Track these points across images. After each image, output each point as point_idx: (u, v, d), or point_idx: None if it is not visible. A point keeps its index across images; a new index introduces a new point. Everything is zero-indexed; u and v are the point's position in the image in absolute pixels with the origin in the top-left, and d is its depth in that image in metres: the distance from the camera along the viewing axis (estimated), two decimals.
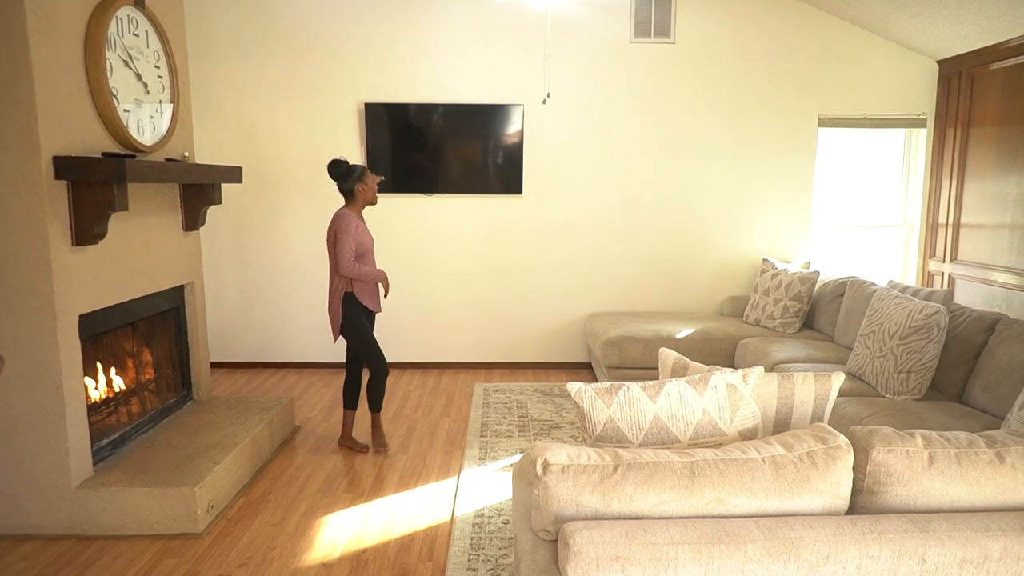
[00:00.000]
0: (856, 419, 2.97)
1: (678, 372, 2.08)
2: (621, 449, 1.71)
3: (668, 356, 2.13)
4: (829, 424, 1.92)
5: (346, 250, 3.62)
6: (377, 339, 3.88)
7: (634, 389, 1.87)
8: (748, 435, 1.88)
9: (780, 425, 1.98)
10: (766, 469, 1.62)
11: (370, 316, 3.85)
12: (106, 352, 3.38)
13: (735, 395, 1.88)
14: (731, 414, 1.87)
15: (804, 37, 5.24)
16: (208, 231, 5.30)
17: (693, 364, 2.08)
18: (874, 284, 4.22)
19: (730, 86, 5.29)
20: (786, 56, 5.26)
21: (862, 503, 1.66)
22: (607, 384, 1.89)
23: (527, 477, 2.14)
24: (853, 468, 1.65)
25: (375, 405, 3.93)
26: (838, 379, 1.97)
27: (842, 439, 1.67)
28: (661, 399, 1.86)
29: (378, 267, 3.85)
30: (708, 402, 1.87)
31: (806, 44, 5.25)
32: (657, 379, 4.81)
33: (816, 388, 1.97)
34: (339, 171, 3.72)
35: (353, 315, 3.73)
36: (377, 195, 3.84)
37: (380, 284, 3.81)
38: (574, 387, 1.89)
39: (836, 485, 1.62)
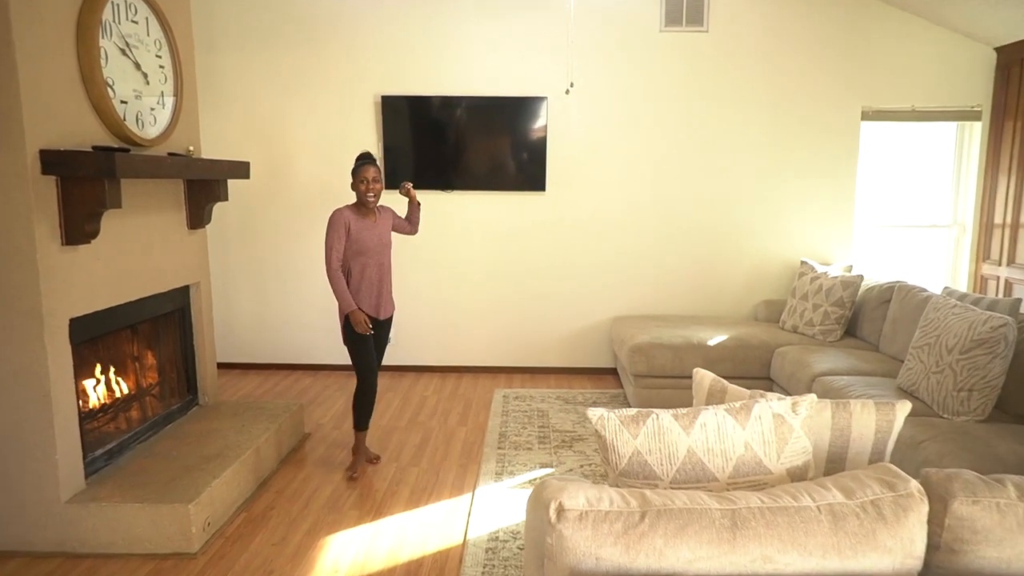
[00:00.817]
0: (912, 443, 2.68)
1: (715, 397, 1.83)
2: (649, 491, 1.47)
3: (703, 378, 1.87)
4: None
5: (326, 250, 3.32)
6: (389, 344, 3.65)
7: (664, 417, 1.62)
8: (798, 474, 1.62)
9: (834, 461, 1.72)
10: (823, 520, 1.36)
11: (377, 323, 3.52)
12: (104, 357, 3.21)
13: (783, 427, 1.62)
14: (778, 449, 1.61)
15: (847, 24, 4.90)
16: (219, 228, 5.15)
17: (732, 387, 1.82)
18: (925, 290, 3.89)
19: (767, 77, 4.98)
20: (828, 44, 4.93)
21: (939, 563, 1.39)
22: (633, 411, 1.64)
23: (540, 516, 1.89)
24: (927, 520, 1.39)
25: (358, 422, 3.53)
26: (903, 409, 1.69)
27: (914, 485, 1.40)
28: (696, 430, 1.61)
29: (381, 272, 3.46)
30: (751, 435, 1.61)
31: (849, 31, 4.91)
32: (688, 391, 4.47)
33: (877, 419, 1.70)
34: None
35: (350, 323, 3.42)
36: (368, 194, 3.34)
37: (350, 314, 3.33)
38: (595, 413, 1.65)
39: (908, 542, 1.35)
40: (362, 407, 3.52)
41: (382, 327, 3.58)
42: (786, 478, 1.61)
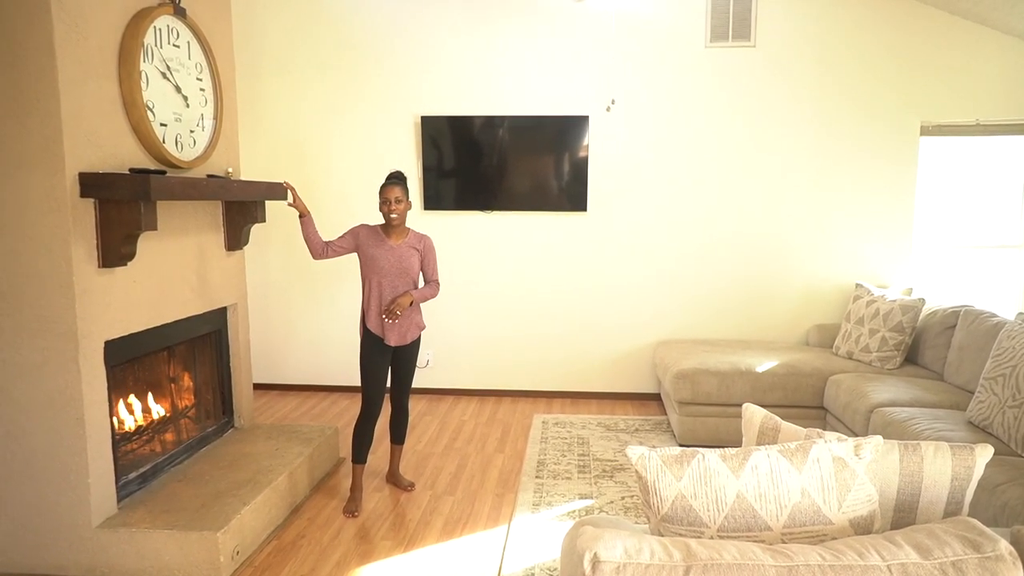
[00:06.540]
0: (987, 486, 2.45)
1: (767, 436, 1.67)
2: (694, 541, 1.33)
3: (754, 415, 1.72)
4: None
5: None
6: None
7: (711, 458, 1.48)
8: (862, 525, 1.45)
9: (902, 511, 1.54)
10: None
11: (394, 351, 3.38)
12: (140, 378, 3.21)
13: (844, 472, 1.46)
14: (839, 496, 1.45)
15: (905, 35, 4.68)
16: (258, 250, 5.19)
17: (786, 426, 1.66)
18: (995, 315, 3.62)
19: (818, 93, 4.78)
20: (883, 57, 4.71)
21: None
22: (677, 451, 1.51)
23: (574, 566, 1.76)
24: None
25: (356, 454, 3.36)
26: (984, 454, 1.52)
27: (1003, 546, 1.23)
28: (746, 473, 1.46)
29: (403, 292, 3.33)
30: (808, 480, 1.45)
31: (907, 42, 4.69)
32: (735, 420, 4.24)
33: (953, 464, 1.52)
34: None
35: (363, 342, 3.34)
36: (391, 214, 3.24)
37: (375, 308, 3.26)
38: (635, 453, 1.52)
39: None
40: (362, 437, 3.36)
41: (407, 351, 3.44)
42: (848, 529, 1.45)
